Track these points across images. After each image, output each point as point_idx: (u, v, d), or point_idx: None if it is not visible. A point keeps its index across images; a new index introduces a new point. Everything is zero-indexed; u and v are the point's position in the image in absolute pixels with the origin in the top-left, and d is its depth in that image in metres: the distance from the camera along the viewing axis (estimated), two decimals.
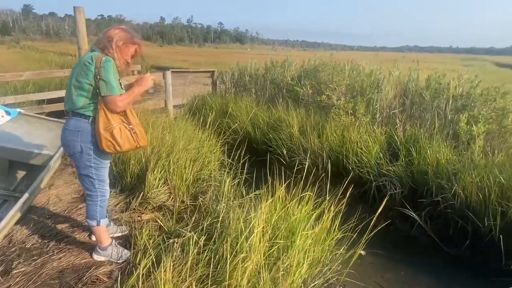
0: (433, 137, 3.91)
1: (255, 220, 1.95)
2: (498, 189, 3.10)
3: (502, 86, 4.52)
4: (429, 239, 3.43)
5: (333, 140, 4.50)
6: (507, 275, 2.76)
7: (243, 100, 6.35)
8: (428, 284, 2.95)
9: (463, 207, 3.22)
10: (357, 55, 7.82)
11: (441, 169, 3.48)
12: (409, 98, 4.87)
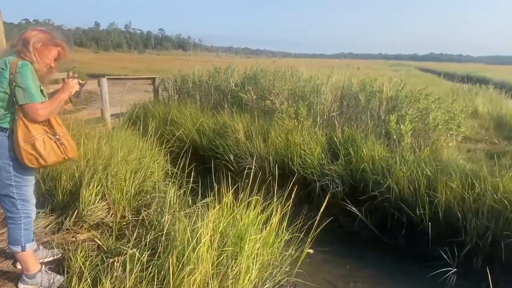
0: (368, 137, 4.20)
1: (202, 229, 1.89)
2: (426, 181, 3.43)
3: (424, 89, 5.05)
4: (370, 232, 3.66)
5: (278, 144, 4.60)
6: (437, 260, 3.04)
7: (188, 107, 6.21)
8: (371, 274, 3.13)
9: (397, 199, 3.49)
10: (297, 62, 8.16)
11: (376, 166, 3.75)
12: (346, 101, 5.19)
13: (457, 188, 3.23)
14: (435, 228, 3.24)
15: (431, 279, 2.87)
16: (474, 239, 3.03)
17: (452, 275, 2.82)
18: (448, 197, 3.22)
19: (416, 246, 3.37)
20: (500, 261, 2.94)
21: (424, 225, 3.23)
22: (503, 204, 3.02)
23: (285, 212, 2.46)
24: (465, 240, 3.07)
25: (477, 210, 3.09)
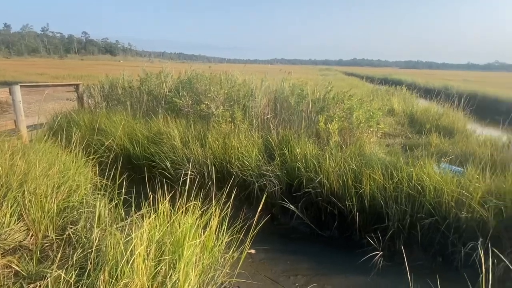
0: (301, 137, 4.43)
1: (136, 240, 1.80)
2: (353, 174, 3.73)
3: (348, 91, 5.51)
4: (307, 227, 3.86)
5: (216, 148, 4.60)
6: (366, 246, 3.32)
7: (118, 114, 5.85)
8: (310, 267, 3.30)
9: (329, 193, 3.74)
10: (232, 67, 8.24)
11: (309, 164, 3.97)
12: (279, 104, 5.41)
13: (379, 179, 3.58)
14: (363, 217, 3.55)
15: (362, 264, 3.13)
16: (396, 224, 3.39)
17: (379, 258, 3.11)
18: (372, 188, 3.55)
19: (348, 236, 3.65)
20: (417, 240, 3.34)
21: (354, 215, 3.51)
22: (417, 190, 3.43)
23: (225, 215, 2.47)
24: (388, 226, 3.42)
25: (396, 197, 3.46)
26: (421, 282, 2.46)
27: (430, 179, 3.39)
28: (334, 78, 25.95)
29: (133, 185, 3.02)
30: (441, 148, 5.11)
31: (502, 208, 3.11)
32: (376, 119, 4.66)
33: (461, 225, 3.14)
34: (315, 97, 5.31)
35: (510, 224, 3.07)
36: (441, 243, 3.26)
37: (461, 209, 3.14)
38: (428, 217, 3.25)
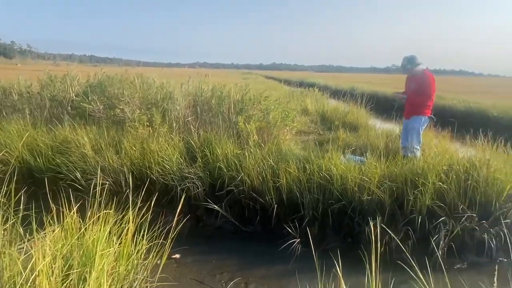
0: (222, 138, 4.51)
1: (37, 255, 1.63)
2: (271, 170, 3.94)
3: (264, 92, 5.78)
4: (232, 225, 3.95)
5: (134, 154, 4.38)
6: (286, 236, 3.54)
7: (13, 123, 5.14)
8: (234, 263, 3.38)
9: (250, 190, 3.89)
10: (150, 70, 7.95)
11: (230, 163, 4.07)
12: (199, 107, 5.40)
13: (294, 172, 3.85)
14: (281, 209, 3.78)
15: (282, 253, 3.34)
16: (310, 212, 3.69)
17: (297, 245, 3.35)
18: (288, 181, 3.80)
19: (270, 229, 3.83)
20: (329, 225, 3.69)
21: (273, 209, 3.71)
22: (326, 179, 3.79)
23: (144, 221, 2.39)
24: (304, 214, 3.70)
25: (310, 188, 3.77)
26: (331, 262, 2.73)
27: (337, 168, 3.78)
28: (255, 81, 26.85)
29: (36, 201, 2.71)
30: (347, 142, 5.72)
31: (394, 188, 3.63)
32: (291, 118, 5.00)
33: (364, 206, 3.57)
34: (234, 98, 5.44)
35: (401, 201, 3.60)
36: (349, 225, 3.66)
37: (363, 192, 3.58)
38: (337, 203, 3.62)
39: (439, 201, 3.45)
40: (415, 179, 3.58)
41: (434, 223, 3.35)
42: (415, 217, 3.38)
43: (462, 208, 3.37)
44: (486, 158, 3.73)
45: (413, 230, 3.36)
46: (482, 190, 3.49)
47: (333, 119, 8.13)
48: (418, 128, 4.45)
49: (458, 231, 3.30)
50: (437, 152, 4.07)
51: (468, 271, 3.28)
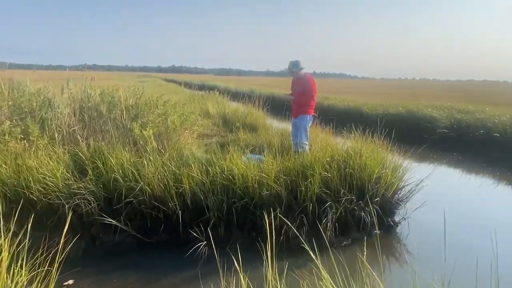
0: (115, 146, 4.19)
1: None
2: (173, 176, 3.85)
3: (163, 96, 5.60)
4: (134, 238, 3.72)
5: (5, 173, 3.72)
6: (193, 240, 3.52)
7: None
8: (140, 276, 3.21)
9: (151, 199, 3.73)
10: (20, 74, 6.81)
11: (127, 173, 3.82)
12: (87, 114, 4.90)
13: (197, 176, 3.86)
14: (187, 214, 3.74)
15: (190, 258, 3.32)
16: (216, 213, 3.75)
17: (204, 247, 3.37)
18: (192, 185, 3.78)
19: (175, 236, 3.75)
20: (234, 223, 3.82)
21: (178, 215, 3.64)
22: (229, 179, 3.91)
23: (22, 249, 2.06)
24: (209, 216, 3.74)
25: (213, 190, 3.83)
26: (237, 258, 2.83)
27: (238, 168, 3.93)
28: (153, 85, 25.68)
29: None
30: (248, 142, 6.00)
31: (289, 181, 3.98)
32: (190, 122, 4.97)
33: (264, 201, 3.81)
34: (128, 104, 5.12)
35: (295, 192, 3.97)
36: (252, 220, 3.86)
37: (262, 188, 3.82)
38: (240, 201, 3.77)
39: (326, 188, 3.93)
40: (305, 171, 3.99)
41: (322, 208, 3.80)
42: (307, 204, 3.77)
43: (343, 192, 3.92)
44: (359, 148, 4.41)
45: (307, 217, 3.75)
46: (357, 175, 4.11)
47: (234, 120, 8.39)
48: (305, 125, 4.98)
49: (341, 212, 3.83)
50: (321, 146, 4.62)
51: (352, 246, 3.84)
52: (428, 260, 3.53)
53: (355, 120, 8.31)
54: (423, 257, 3.65)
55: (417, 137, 9.75)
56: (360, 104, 13.39)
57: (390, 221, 4.26)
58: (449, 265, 3.26)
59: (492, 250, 2.07)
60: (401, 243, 4.11)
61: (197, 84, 26.17)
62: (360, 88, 35.83)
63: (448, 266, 3.18)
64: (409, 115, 10.99)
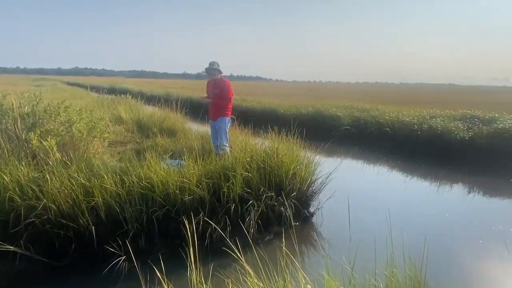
0: (9, 161, 3.63)
1: None
2: (83, 189, 3.52)
3: (63, 102, 5.03)
4: (39, 263, 3.28)
5: None
6: (111, 256, 3.27)
7: None
8: None
9: (58, 217, 3.34)
10: None
11: (26, 190, 3.35)
12: None
13: (111, 187, 3.60)
14: (101, 229, 3.46)
15: (107, 275, 3.09)
16: (135, 225, 3.56)
17: (123, 262, 3.17)
18: (105, 198, 3.51)
19: (89, 253, 3.43)
20: (156, 233, 3.67)
21: (91, 231, 3.34)
22: (148, 188, 3.74)
23: None
24: (128, 229, 3.53)
25: (131, 200, 3.62)
26: (158, 269, 2.75)
27: (157, 175, 3.80)
28: (53, 89, 22.80)
29: None
30: (166, 147, 5.82)
31: (211, 184, 4.01)
32: (100, 129, 4.60)
33: (187, 206, 3.76)
34: (23, 111, 4.48)
35: (218, 194, 4.01)
36: (176, 228, 3.77)
37: (184, 194, 3.77)
38: (160, 209, 3.65)
39: (247, 188, 4.08)
40: (227, 173, 4.07)
41: (245, 207, 3.93)
42: (230, 205, 3.86)
43: (263, 190, 4.12)
44: (275, 147, 4.68)
45: (230, 217, 3.83)
46: (275, 172, 4.36)
47: (150, 126, 8.03)
48: (225, 128, 5.07)
49: (263, 209, 4.01)
50: (241, 147, 4.76)
51: (274, 240, 4.06)
52: (338, 243, 3.96)
53: (271, 120, 8.75)
54: (334, 240, 4.08)
55: (325, 135, 10.75)
56: (275, 106, 14.13)
57: (306, 212, 4.63)
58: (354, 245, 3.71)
59: (387, 226, 2.45)
60: (317, 231, 4.51)
61: (106, 88, 24.17)
62: (274, 90, 37.77)
63: (353, 246, 3.63)
64: (317, 114, 12.03)
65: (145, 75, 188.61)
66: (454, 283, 2.71)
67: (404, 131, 9.66)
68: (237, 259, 2.00)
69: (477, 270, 3.52)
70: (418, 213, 5.20)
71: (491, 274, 3.44)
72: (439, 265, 3.50)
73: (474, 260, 3.73)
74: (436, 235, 4.32)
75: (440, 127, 9.02)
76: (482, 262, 3.67)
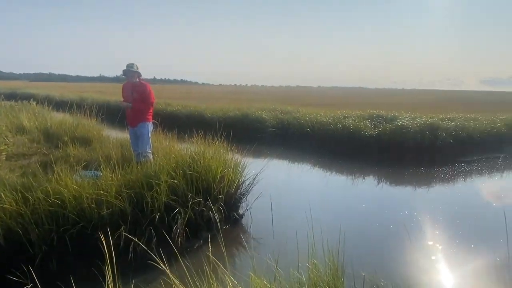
0: None
1: None
2: None
3: None
4: None
5: None
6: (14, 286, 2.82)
7: None
8: None
9: None
10: None
11: None
12: None
13: (11, 206, 3.12)
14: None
15: None
16: (43, 247, 3.14)
17: None
18: (4, 219, 3.03)
19: None
20: (70, 253, 3.29)
21: None
22: (57, 204, 3.34)
23: None
24: (34, 252, 3.10)
25: (37, 220, 3.19)
26: None
27: (68, 190, 3.42)
28: None
29: None
30: (80, 157, 5.27)
31: (133, 195, 3.76)
32: None
33: (105, 221, 3.46)
34: None
35: (142, 204, 3.78)
36: (95, 245, 3.43)
37: (102, 207, 3.46)
38: (74, 226, 3.29)
39: (173, 195, 3.93)
40: (150, 181, 3.87)
41: (171, 215, 3.78)
42: (155, 215, 3.67)
43: (190, 196, 4.02)
44: (202, 152, 4.62)
45: (156, 228, 3.64)
46: (203, 177, 4.29)
47: (60, 134, 7.18)
48: (147, 133, 4.81)
49: (191, 215, 3.91)
50: (166, 153, 4.58)
51: (203, 246, 3.98)
52: (265, 242, 4.08)
53: (198, 124, 8.63)
54: (262, 240, 4.19)
55: (252, 137, 11.01)
56: (202, 109, 13.97)
57: (235, 214, 4.66)
58: (279, 242, 3.87)
59: (306, 220, 2.60)
60: (246, 232, 4.57)
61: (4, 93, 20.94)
62: (201, 93, 37.36)
63: (278, 243, 3.80)
64: (244, 117, 12.26)
65: (54, 79, 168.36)
66: (367, 267, 3.00)
67: (322, 131, 10.44)
68: (163, 271, 1.91)
69: (387, 253, 3.96)
70: (337, 206, 5.66)
71: (399, 255, 3.91)
72: (355, 252, 3.85)
73: (384, 244, 4.20)
74: (353, 224, 4.75)
75: (352, 126, 9.98)
76: (391, 245, 4.14)
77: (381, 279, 2.37)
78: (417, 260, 3.72)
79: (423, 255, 3.88)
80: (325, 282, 1.91)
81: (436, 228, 4.68)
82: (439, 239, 4.33)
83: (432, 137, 9.07)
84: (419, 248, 4.03)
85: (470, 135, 9.65)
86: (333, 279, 1.95)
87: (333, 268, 2.10)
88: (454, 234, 4.43)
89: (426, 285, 3.25)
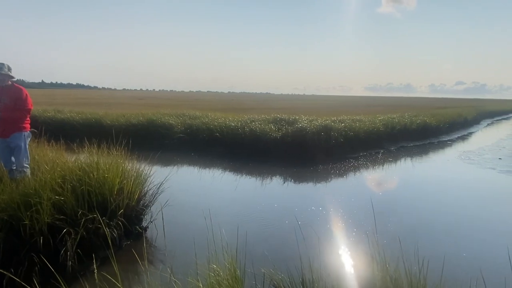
0: None
1: None
2: None
3: None
4: None
5: None
6: None
7: None
8: None
9: None
10: None
11: None
12: None
13: None
14: None
15: None
16: None
17: None
18: None
19: None
20: None
21: None
22: None
23: None
24: None
25: None
26: None
27: None
28: None
29: None
30: None
31: (6, 218, 3.16)
32: None
33: None
34: None
35: (18, 228, 3.20)
36: None
37: None
38: None
39: (60, 214, 3.44)
40: (29, 200, 3.31)
41: (59, 237, 3.31)
42: (37, 239, 3.16)
43: (82, 213, 3.58)
44: (95, 162, 4.17)
45: (39, 253, 3.13)
46: (97, 191, 3.88)
47: None
48: (24, 145, 4.12)
49: (83, 235, 3.49)
50: (48, 167, 4.00)
51: (101, 266, 3.57)
52: (166, 253, 3.90)
53: (95, 133, 7.79)
54: (161, 252, 3.99)
55: (159, 144, 10.54)
56: (100, 116, 12.74)
57: (138, 228, 4.34)
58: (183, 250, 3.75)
59: (208, 228, 2.57)
60: (150, 245, 4.30)
61: None
62: (101, 99, 34.13)
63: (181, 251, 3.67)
64: (150, 124, 11.63)
65: None
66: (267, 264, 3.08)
67: (231, 135, 10.62)
68: None
69: (287, 248, 4.19)
70: (243, 208, 5.76)
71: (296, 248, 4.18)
72: (258, 250, 3.99)
73: (284, 240, 4.42)
74: (257, 225, 4.90)
75: (259, 129, 10.42)
76: (290, 240, 4.38)
77: (279, 273, 2.49)
78: (312, 249, 4.03)
79: (324, 246, 4.23)
80: (224, 285, 1.90)
81: (332, 219, 5.20)
82: (335, 229, 4.81)
83: (326, 137, 10.09)
84: (317, 240, 4.38)
85: (356, 134, 11.07)
86: (232, 282, 1.96)
87: (233, 269, 2.12)
88: (353, 223, 4.98)
89: (318, 268, 3.55)
